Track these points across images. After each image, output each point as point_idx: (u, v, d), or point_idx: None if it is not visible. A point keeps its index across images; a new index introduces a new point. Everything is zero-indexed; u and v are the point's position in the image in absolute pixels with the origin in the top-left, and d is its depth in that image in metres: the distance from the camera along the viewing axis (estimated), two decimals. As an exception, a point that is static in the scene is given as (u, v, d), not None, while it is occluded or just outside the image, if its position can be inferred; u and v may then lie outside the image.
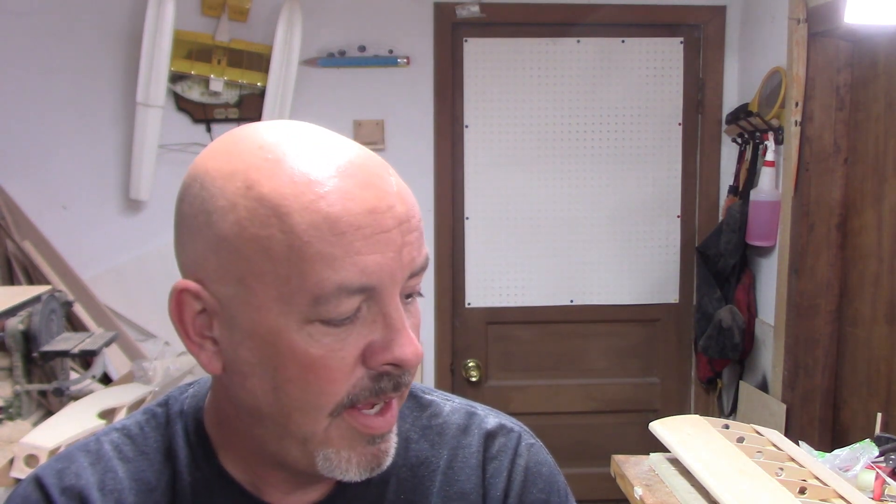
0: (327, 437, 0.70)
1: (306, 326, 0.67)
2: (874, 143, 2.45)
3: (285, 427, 0.70)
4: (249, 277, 0.67)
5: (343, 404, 0.69)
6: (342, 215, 0.65)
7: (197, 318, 0.71)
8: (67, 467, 0.77)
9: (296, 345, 0.67)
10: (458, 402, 0.88)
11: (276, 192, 0.66)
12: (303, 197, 0.65)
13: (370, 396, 0.70)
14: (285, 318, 0.67)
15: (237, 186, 0.67)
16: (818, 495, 1.64)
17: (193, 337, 0.71)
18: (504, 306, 3.19)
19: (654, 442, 1.96)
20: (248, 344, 0.69)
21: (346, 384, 0.68)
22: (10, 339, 2.23)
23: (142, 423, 0.81)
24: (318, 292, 0.65)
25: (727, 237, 2.87)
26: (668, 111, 3.15)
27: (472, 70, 3.09)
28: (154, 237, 3.00)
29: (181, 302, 0.70)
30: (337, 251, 0.65)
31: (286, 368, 0.68)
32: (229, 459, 0.78)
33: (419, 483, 0.81)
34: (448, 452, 0.83)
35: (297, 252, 0.65)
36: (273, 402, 0.70)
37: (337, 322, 0.67)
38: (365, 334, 0.68)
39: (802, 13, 2.54)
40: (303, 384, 0.68)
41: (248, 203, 0.66)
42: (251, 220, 0.66)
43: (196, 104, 2.98)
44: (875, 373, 2.45)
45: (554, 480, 0.85)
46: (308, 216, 0.65)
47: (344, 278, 0.65)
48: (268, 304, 0.67)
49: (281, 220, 0.65)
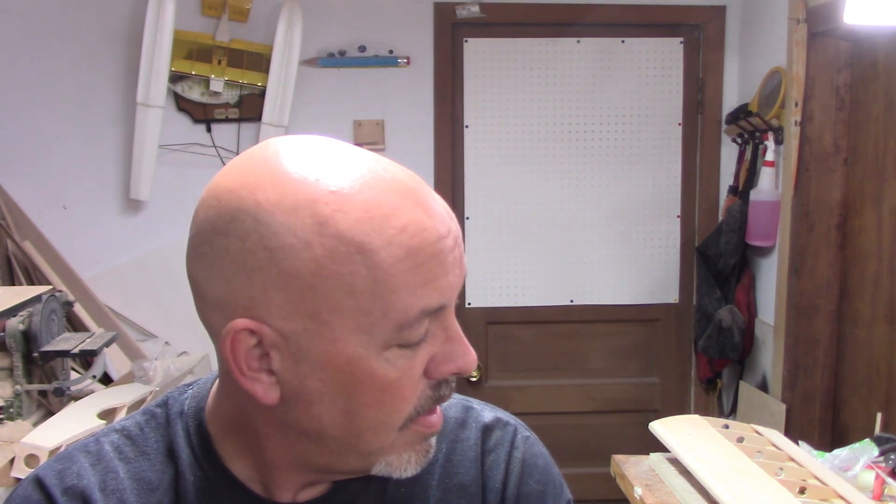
0: (394, 447, 0.73)
1: (384, 352, 0.69)
2: (874, 143, 2.45)
3: (353, 446, 0.72)
4: (325, 312, 0.67)
5: (411, 417, 0.72)
6: (422, 246, 0.68)
7: (251, 351, 0.69)
8: (68, 468, 0.77)
9: (375, 371, 0.69)
10: (454, 398, 0.89)
11: (355, 230, 0.66)
12: (384, 232, 0.66)
13: (432, 404, 0.73)
14: (364, 347, 0.68)
15: (307, 223, 0.66)
16: (818, 495, 1.64)
17: (247, 372, 0.70)
18: (504, 306, 3.19)
19: (654, 442, 1.96)
20: (318, 374, 0.69)
21: (414, 399, 0.72)
22: (11, 339, 2.23)
23: (141, 423, 0.81)
24: (403, 319, 0.68)
25: (727, 237, 2.87)
26: (668, 111, 3.15)
27: (472, 70, 3.09)
28: (154, 237, 3.00)
29: (237, 341, 0.69)
30: (419, 280, 0.68)
31: (363, 394, 0.70)
32: (233, 459, 0.78)
33: (418, 476, 0.81)
34: (447, 446, 0.84)
35: (382, 285, 0.67)
36: (343, 426, 0.71)
37: (413, 345, 0.70)
38: (429, 349, 0.71)
39: (802, 13, 2.54)
40: (378, 406, 0.70)
41: (325, 241, 0.66)
42: (331, 257, 0.66)
43: (196, 104, 2.98)
44: (875, 373, 2.45)
45: (549, 472, 0.87)
46: (392, 251, 0.66)
47: (427, 303, 0.68)
48: (346, 336, 0.68)
49: (365, 256, 0.66)
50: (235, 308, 0.68)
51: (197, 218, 0.71)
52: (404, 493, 0.81)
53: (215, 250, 0.68)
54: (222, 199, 0.69)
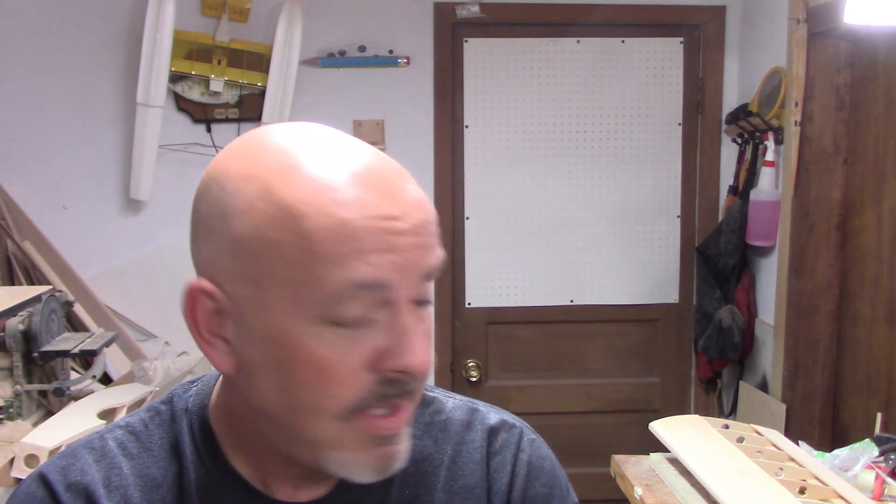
0: (337, 441, 0.70)
1: (318, 328, 0.67)
2: (874, 143, 2.45)
3: (293, 429, 0.71)
4: (264, 280, 0.68)
5: (351, 408, 0.69)
6: (356, 220, 0.66)
7: (210, 317, 0.71)
8: (72, 464, 0.77)
9: (306, 347, 0.67)
10: (459, 399, 0.89)
11: (292, 197, 0.67)
12: (319, 202, 0.66)
13: (378, 401, 0.70)
14: (298, 320, 0.67)
15: (256, 189, 0.68)
16: (818, 495, 1.64)
17: (205, 335, 0.72)
18: (504, 306, 3.19)
19: (654, 442, 1.96)
20: (259, 345, 0.69)
21: (354, 388, 0.69)
22: (11, 339, 2.23)
23: (146, 420, 0.81)
24: (331, 292, 0.66)
25: (727, 237, 2.87)
26: (668, 111, 3.15)
27: (472, 70, 3.09)
28: (154, 237, 3.00)
29: (195, 301, 0.71)
30: (350, 252, 0.66)
31: (296, 371, 0.68)
32: (236, 456, 0.78)
33: (423, 478, 0.82)
34: (452, 448, 0.84)
35: (312, 255, 0.66)
36: (282, 404, 0.70)
37: (348, 324, 0.67)
38: (375, 339, 0.69)
39: (802, 13, 2.54)
40: (311, 387, 0.68)
41: (266, 207, 0.67)
42: (268, 223, 0.67)
43: (196, 104, 2.98)
44: (875, 373, 2.45)
45: (556, 474, 0.87)
46: (323, 220, 0.66)
47: (356, 276, 0.66)
48: (281, 306, 0.67)
49: (296, 223, 0.66)
50: (200, 271, 0.72)
51: None
52: (408, 494, 0.81)
53: (195, 215, 0.73)
54: (207, 169, 0.73)
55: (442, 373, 3.17)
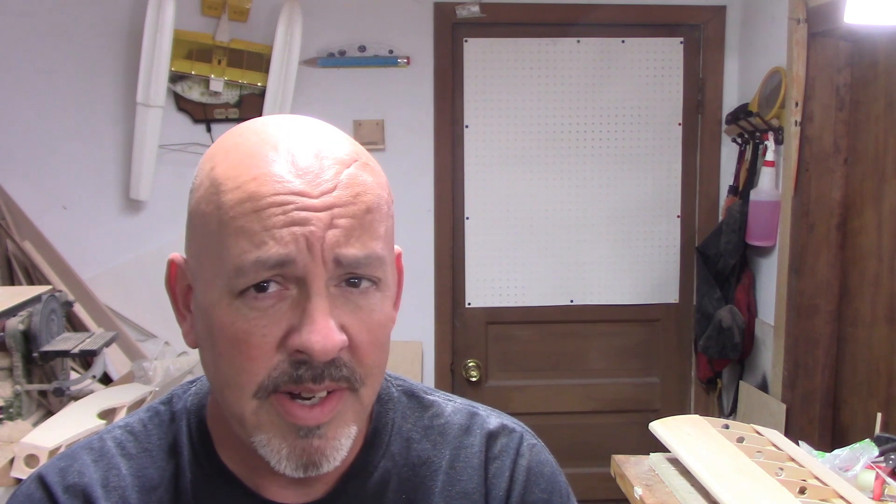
0: (258, 422, 0.70)
1: (233, 301, 0.69)
2: (874, 143, 2.45)
3: (225, 405, 0.72)
4: (200, 252, 0.72)
5: (265, 387, 0.69)
6: (267, 195, 0.67)
7: (187, 292, 0.75)
8: (70, 465, 0.78)
9: (224, 318, 0.69)
10: (459, 403, 0.88)
11: (223, 173, 0.70)
12: (239, 177, 0.69)
13: (290, 382, 0.69)
14: (219, 292, 0.69)
15: (206, 168, 0.73)
16: (818, 495, 1.64)
17: (181, 308, 0.76)
18: (504, 306, 3.19)
19: (654, 442, 1.96)
20: (201, 317, 0.72)
21: (266, 366, 0.69)
22: (11, 339, 2.23)
23: (145, 420, 0.82)
24: (238, 264, 0.67)
25: (727, 237, 2.87)
26: (668, 111, 3.15)
27: (472, 70, 3.09)
28: (154, 237, 3.00)
29: (173, 274, 0.76)
30: (255, 226, 0.67)
31: (218, 343, 0.70)
32: (230, 456, 0.78)
33: (421, 482, 0.81)
34: (450, 452, 0.83)
35: (224, 226, 0.68)
36: (213, 378, 0.73)
37: (259, 297, 0.68)
38: (288, 317, 0.68)
39: (802, 13, 2.54)
40: (229, 360, 0.69)
41: (206, 183, 0.71)
42: (204, 198, 0.71)
43: (196, 104, 2.98)
44: (875, 373, 2.45)
45: (556, 480, 0.85)
46: (237, 194, 0.68)
47: (261, 252, 0.67)
48: (209, 278, 0.70)
49: (217, 195, 0.69)
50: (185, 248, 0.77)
51: None
52: (405, 499, 0.80)
53: None
54: None
55: (442, 373, 3.17)
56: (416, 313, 3.09)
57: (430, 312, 3.12)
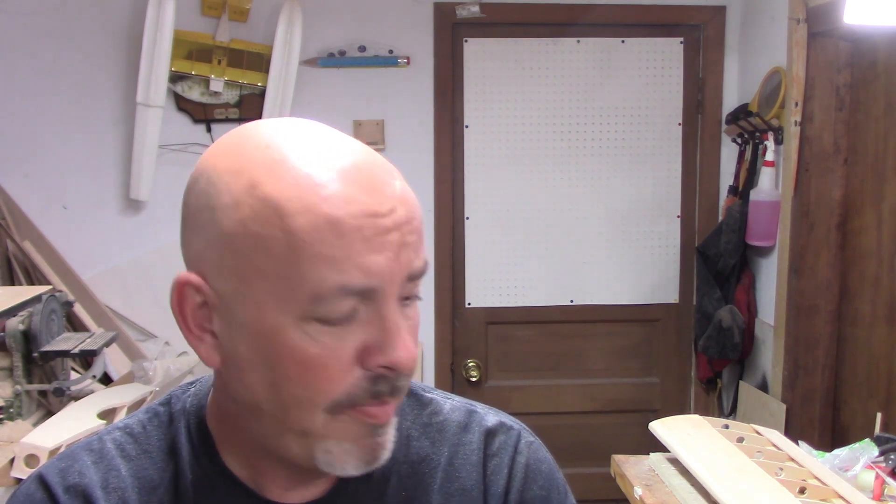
0: (327, 432, 0.71)
1: (304, 325, 0.67)
2: (874, 144, 2.45)
3: (284, 422, 0.71)
4: (250, 274, 0.68)
5: (341, 403, 0.69)
6: (344, 218, 0.66)
7: (198, 311, 0.71)
8: (70, 466, 0.78)
9: (293, 342, 0.67)
10: (457, 401, 0.88)
11: (279, 193, 0.66)
12: (305, 199, 0.66)
13: (368, 398, 0.70)
14: (283, 315, 0.67)
15: (242, 184, 0.68)
16: (818, 495, 1.64)
17: (193, 329, 0.72)
18: (504, 306, 3.19)
19: (654, 442, 1.96)
20: (247, 340, 0.69)
21: (343, 383, 0.69)
22: (11, 339, 2.23)
23: (144, 421, 0.81)
24: (318, 292, 0.66)
25: (727, 237, 2.87)
26: (668, 111, 3.15)
27: (472, 70, 3.09)
28: (154, 237, 3.00)
29: (182, 294, 0.71)
30: (338, 253, 0.66)
31: (283, 366, 0.68)
32: (230, 456, 0.78)
33: (420, 480, 0.82)
34: (449, 450, 0.83)
35: (298, 253, 0.66)
36: (271, 398, 0.70)
37: (334, 321, 0.67)
38: (361, 335, 0.69)
39: (802, 13, 2.54)
40: (300, 381, 0.68)
41: (252, 202, 0.67)
42: (254, 218, 0.67)
43: (196, 104, 2.98)
44: (875, 373, 2.45)
45: (553, 477, 0.86)
46: (310, 218, 0.66)
47: (345, 279, 0.66)
48: (267, 301, 0.67)
49: (283, 220, 0.66)
50: (189, 266, 0.72)
51: None
52: (405, 496, 0.81)
53: (184, 209, 0.73)
54: (198, 163, 0.74)
55: (442, 373, 3.17)
56: (416, 313, 3.09)
57: (430, 312, 3.12)
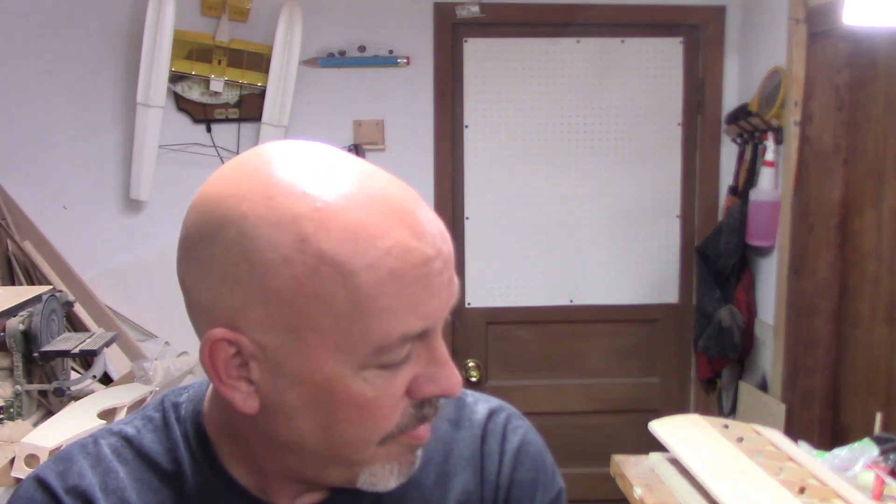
0: (374, 459, 0.73)
1: (362, 372, 0.68)
2: (874, 144, 2.45)
3: (333, 459, 0.72)
4: (304, 330, 0.66)
5: (392, 434, 0.72)
6: (405, 269, 0.66)
7: (230, 360, 0.69)
8: (69, 468, 0.78)
9: (352, 390, 0.68)
10: None
11: (336, 249, 0.65)
12: (367, 254, 0.65)
13: (416, 423, 0.73)
14: (342, 366, 0.67)
15: (290, 240, 0.65)
16: (818, 495, 1.64)
17: (226, 380, 0.70)
18: (504, 306, 3.19)
19: (654, 442, 1.96)
20: (296, 389, 0.69)
21: (395, 417, 0.71)
22: (11, 339, 2.23)
23: (139, 427, 0.81)
24: (383, 343, 0.67)
25: (727, 237, 2.87)
26: (668, 111, 3.15)
27: (472, 70, 3.09)
28: (154, 237, 3.00)
29: (215, 349, 0.69)
30: (401, 304, 0.66)
31: (340, 411, 0.69)
32: (233, 463, 0.78)
33: (412, 477, 0.82)
34: (443, 448, 0.85)
35: (362, 308, 0.65)
36: (322, 440, 0.71)
37: (393, 366, 0.69)
38: (412, 370, 0.71)
39: (802, 13, 2.54)
40: (356, 423, 0.70)
41: (306, 259, 0.65)
42: (310, 276, 0.65)
43: (196, 104, 2.98)
44: (875, 373, 2.45)
45: (542, 459, 0.88)
46: (374, 274, 0.65)
47: (407, 328, 0.67)
48: (323, 354, 0.67)
49: (345, 278, 0.65)
50: (218, 316, 0.68)
51: (187, 221, 0.70)
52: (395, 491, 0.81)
53: (202, 256, 0.68)
54: (211, 205, 0.68)
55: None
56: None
57: (430, 312, 3.12)
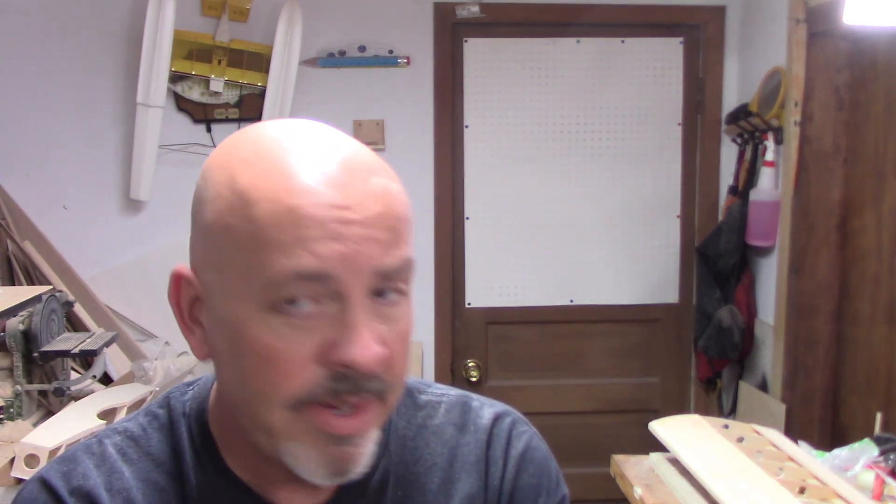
0: (289, 432, 0.69)
1: (265, 315, 0.67)
2: (874, 143, 2.45)
3: (250, 417, 0.71)
4: (224, 266, 0.69)
5: (300, 400, 0.68)
6: (305, 207, 0.66)
7: (192, 304, 0.73)
8: (73, 469, 0.77)
9: (253, 333, 0.68)
10: (453, 397, 0.89)
11: (249, 184, 0.68)
12: (271, 189, 0.67)
13: (328, 396, 0.68)
14: (246, 305, 0.68)
15: (224, 178, 0.70)
16: (818, 495, 1.64)
17: (187, 321, 0.74)
18: (504, 306, 3.19)
19: (654, 442, 1.96)
20: (221, 331, 0.71)
21: (301, 379, 0.68)
22: (11, 339, 2.22)
23: (144, 424, 0.81)
24: (273, 277, 0.66)
25: (727, 237, 2.87)
26: (668, 111, 3.15)
27: (472, 70, 3.09)
28: (154, 237, 3.00)
29: (178, 286, 0.74)
30: (293, 240, 0.66)
31: (246, 357, 0.69)
32: (234, 460, 0.78)
33: (415, 479, 0.82)
34: (448, 452, 0.84)
35: (259, 240, 0.66)
36: (239, 392, 0.71)
37: (293, 312, 0.67)
38: (323, 330, 0.67)
39: (802, 13, 2.54)
40: (259, 374, 0.68)
41: (228, 194, 0.69)
42: (227, 210, 0.69)
43: (196, 104, 2.98)
44: (875, 373, 2.45)
45: (546, 465, 0.87)
46: (271, 206, 0.66)
47: (298, 264, 0.66)
48: (234, 291, 0.68)
49: (249, 210, 0.67)
50: (189, 258, 0.74)
51: None
52: (400, 495, 0.81)
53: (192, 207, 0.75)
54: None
55: (442, 373, 3.17)
56: (416, 313, 3.05)
57: (430, 312, 3.12)
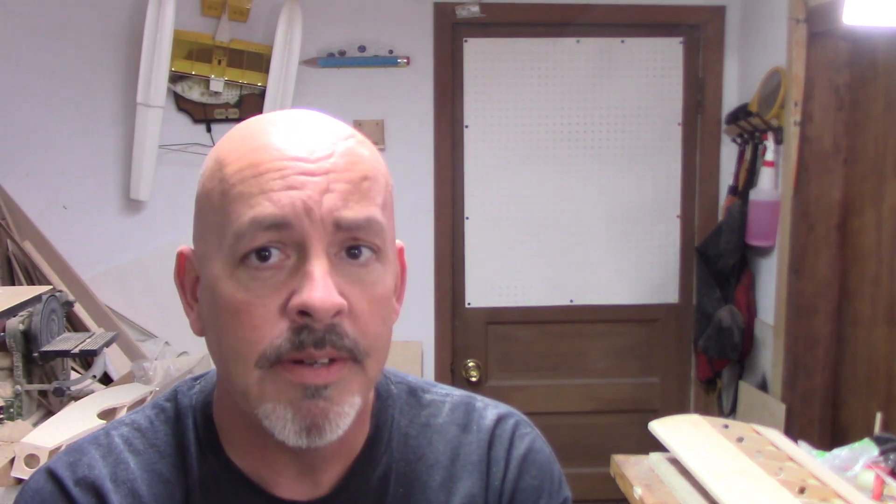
0: (262, 391, 0.70)
1: (234, 271, 0.70)
2: (874, 143, 2.45)
3: (229, 381, 0.72)
4: (205, 230, 0.73)
5: (268, 356, 0.69)
6: (264, 161, 0.70)
7: (195, 284, 0.77)
8: (79, 459, 0.78)
9: (226, 290, 0.70)
10: (457, 397, 0.89)
11: (226, 150, 0.73)
12: (239, 150, 0.72)
13: (292, 349, 0.69)
14: (220, 264, 0.70)
15: (212, 154, 0.75)
16: (818, 495, 1.64)
17: (188, 299, 0.78)
18: (504, 306, 3.19)
19: (654, 442, 1.96)
20: (206, 299, 0.73)
21: (269, 334, 0.69)
22: (11, 339, 2.22)
23: (151, 417, 0.82)
24: (237, 228, 0.69)
25: (727, 237, 2.87)
26: (668, 111, 3.15)
27: (472, 70, 3.09)
28: (154, 237, 3.00)
29: (182, 266, 0.78)
30: (253, 189, 0.69)
31: (220, 317, 0.71)
32: (236, 452, 0.79)
33: (417, 477, 0.83)
34: (451, 451, 0.84)
35: (227, 197, 0.70)
36: (218, 356, 0.73)
37: (261, 266, 0.69)
38: (288, 284, 0.69)
39: (802, 13, 2.54)
40: (231, 331, 0.70)
41: (210, 163, 0.75)
42: (208, 176, 0.74)
43: (196, 104, 2.98)
44: (875, 373, 2.45)
45: (548, 468, 0.87)
46: (237, 164, 0.71)
47: (257, 212, 0.68)
48: (214, 255, 0.71)
49: (221, 171, 0.72)
50: None
51: None
52: (402, 493, 0.82)
53: None
54: None
55: (442, 373, 3.17)
56: (416, 313, 3.09)
57: (430, 312, 3.12)
